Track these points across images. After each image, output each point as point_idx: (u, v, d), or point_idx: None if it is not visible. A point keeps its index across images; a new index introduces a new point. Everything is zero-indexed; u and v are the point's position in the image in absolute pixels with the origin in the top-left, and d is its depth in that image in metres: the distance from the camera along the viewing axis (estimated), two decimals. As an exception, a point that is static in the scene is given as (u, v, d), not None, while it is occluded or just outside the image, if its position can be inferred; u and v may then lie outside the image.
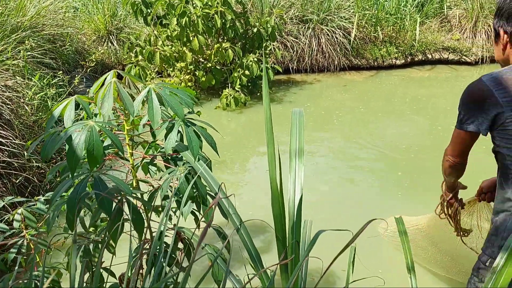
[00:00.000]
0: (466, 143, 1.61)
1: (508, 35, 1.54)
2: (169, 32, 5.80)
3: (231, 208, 1.35)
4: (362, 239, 1.39)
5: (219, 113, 5.84)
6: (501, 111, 1.43)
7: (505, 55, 1.58)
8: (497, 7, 1.58)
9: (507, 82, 1.44)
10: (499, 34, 1.58)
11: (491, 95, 1.45)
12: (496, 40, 1.62)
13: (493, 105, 1.44)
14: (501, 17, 1.56)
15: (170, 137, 1.35)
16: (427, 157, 4.53)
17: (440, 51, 8.41)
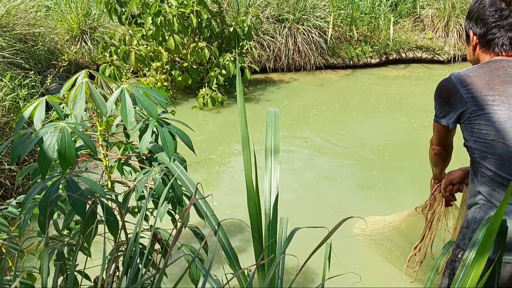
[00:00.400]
0: (444, 134, 1.70)
1: (477, 37, 1.60)
2: (144, 31, 5.74)
3: (208, 208, 1.34)
4: (339, 237, 1.41)
5: (196, 112, 5.81)
6: (465, 107, 1.50)
7: (475, 55, 1.65)
8: (468, 10, 1.64)
9: (471, 79, 1.51)
10: (469, 36, 1.64)
11: (456, 91, 1.52)
12: (467, 41, 1.68)
13: (459, 101, 1.52)
14: (471, 20, 1.62)
15: (144, 137, 1.34)
16: (402, 156, 4.61)
17: (414, 50, 8.57)
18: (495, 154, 1.46)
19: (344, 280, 2.09)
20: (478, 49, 1.62)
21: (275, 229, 1.26)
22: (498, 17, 1.53)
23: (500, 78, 1.50)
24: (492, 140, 1.45)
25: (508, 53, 1.55)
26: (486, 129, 1.47)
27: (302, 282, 2.83)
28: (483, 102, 1.48)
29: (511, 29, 1.53)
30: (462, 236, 1.58)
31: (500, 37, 1.54)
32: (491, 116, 1.46)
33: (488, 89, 1.49)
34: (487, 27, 1.55)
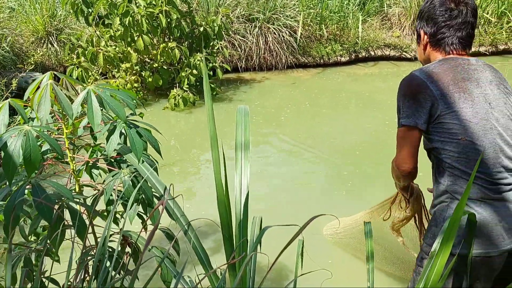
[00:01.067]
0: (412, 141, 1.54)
1: (428, 36, 1.64)
2: (112, 32, 5.65)
3: (178, 209, 1.34)
4: (310, 235, 1.42)
5: (168, 113, 5.77)
6: (436, 104, 1.49)
7: (425, 55, 1.68)
8: (419, 10, 1.69)
9: (438, 75, 1.52)
10: (420, 35, 1.68)
11: (426, 86, 1.51)
12: (418, 41, 1.71)
13: (429, 97, 1.50)
14: (422, 19, 1.66)
15: (112, 139, 1.32)
16: (373, 154, 4.67)
17: (382, 48, 8.73)
18: (463, 152, 1.48)
19: (316, 277, 2.12)
20: (429, 48, 1.65)
21: (245, 228, 1.26)
22: (448, 16, 1.58)
23: (461, 75, 1.53)
24: (460, 139, 1.47)
25: (458, 51, 1.60)
26: (454, 127, 1.48)
27: (276, 279, 2.85)
28: (451, 99, 1.49)
29: (459, 29, 1.58)
30: (432, 235, 1.59)
31: (450, 37, 1.59)
32: (459, 114, 1.48)
33: (454, 86, 1.51)
34: (437, 27, 1.60)
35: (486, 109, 1.50)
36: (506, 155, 1.49)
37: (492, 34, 9.17)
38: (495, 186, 1.48)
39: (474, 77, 1.54)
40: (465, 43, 1.61)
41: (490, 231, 1.47)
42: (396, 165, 1.60)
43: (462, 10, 1.57)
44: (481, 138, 1.47)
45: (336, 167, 4.41)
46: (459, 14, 1.57)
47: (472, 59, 1.59)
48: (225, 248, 1.23)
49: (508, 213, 1.49)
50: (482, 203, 1.48)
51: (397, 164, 1.59)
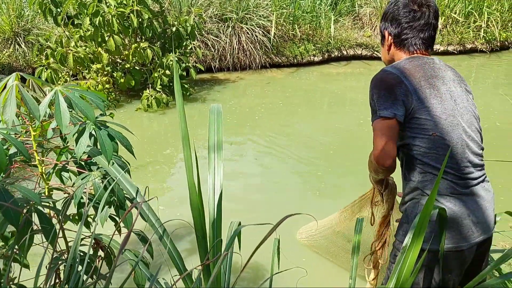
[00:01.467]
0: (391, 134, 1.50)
1: (392, 37, 1.68)
2: (82, 32, 5.53)
3: (150, 211, 1.32)
4: (284, 235, 1.42)
5: (141, 114, 5.69)
6: (410, 98, 1.51)
7: (390, 55, 1.72)
8: (383, 12, 1.72)
9: (410, 71, 1.56)
10: (385, 36, 1.72)
11: (401, 81, 1.53)
12: (382, 42, 1.75)
13: (404, 91, 1.52)
14: (386, 20, 1.70)
15: (81, 141, 1.29)
16: (346, 153, 4.71)
17: (354, 48, 8.85)
18: (433, 148, 1.51)
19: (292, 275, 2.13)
20: (393, 48, 1.69)
21: (219, 228, 1.26)
22: (411, 18, 1.62)
23: (429, 72, 1.57)
24: (431, 135, 1.50)
25: (421, 51, 1.65)
26: (426, 123, 1.51)
27: (253, 279, 2.85)
28: (424, 95, 1.52)
29: (422, 30, 1.63)
30: (404, 232, 1.61)
31: (413, 37, 1.63)
32: (430, 109, 1.51)
33: (425, 82, 1.54)
34: (401, 27, 1.64)
35: (453, 106, 1.54)
36: (471, 151, 1.54)
37: (459, 33, 9.41)
38: (463, 181, 1.52)
39: (440, 75, 1.59)
40: (427, 43, 1.66)
41: (460, 225, 1.51)
42: (375, 158, 1.51)
43: (424, 12, 1.62)
44: (449, 133, 1.50)
45: (310, 166, 4.43)
46: (422, 16, 1.62)
47: (435, 59, 1.65)
48: (199, 249, 1.22)
49: (476, 207, 1.53)
50: (452, 198, 1.52)
51: (376, 158, 1.51)
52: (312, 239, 2.81)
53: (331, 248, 2.69)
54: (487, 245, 1.64)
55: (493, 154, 4.42)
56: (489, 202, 1.58)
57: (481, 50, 9.55)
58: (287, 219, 1.14)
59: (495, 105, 6.23)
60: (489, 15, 9.44)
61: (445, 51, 9.39)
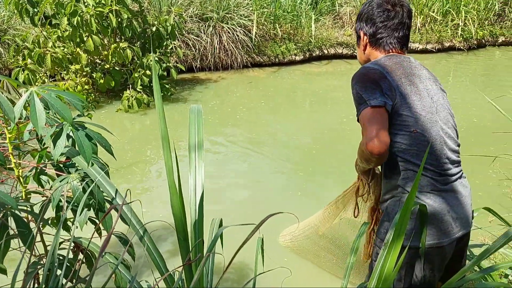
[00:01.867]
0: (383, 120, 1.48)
1: (368, 36, 1.69)
2: (59, 32, 5.44)
3: (131, 213, 1.30)
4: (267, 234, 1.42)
5: (121, 115, 5.62)
6: (394, 93, 1.52)
7: (365, 55, 1.73)
8: (358, 13, 1.74)
9: (390, 68, 1.57)
10: (360, 36, 1.73)
11: (384, 76, 1.54)
12: (358, 42, 1.76)
13: (388, 86, 1.52)
14: (361, 21, 1.72)
15: (58, 143, 1.27)
16: (328, 152, 4.73)
17: (335, 47, 8.91)
18: (414, 145, 1.52)
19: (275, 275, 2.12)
20: (369, 47, 1.71)
21: (201, 229, 1.24)
22: (386, 17, 1.64)
23: (408, 70, 1.59)
24: (412, 131, 1.51)
25: (397, 50, 1.67)
26: (407, 119, 1.51)
27: (237, 279, 2.84)
28: (405, 91, 1.54)
29: (396, 29, 1.65)
30: (385, 230, 1.62)
31: (388, 36, 1.65)
32: (411, 106, 1.52)
33: (405, 79, 1.56)
34: (376, 27, 1.66)
35: (430, 103, 1.56)
36: (449, 147, 1.56)
37: (438, 31, 9.56)
38: (443, 177, 1.54)
39: (417, 73, 1.61)
40: (402, 42, 1.68)
41: (441, 221, 1.53)
42: (368, 147, 1.44)
43: (398, 11, 1.64)
44: (429, 130, 1.52)
45: (292, 165, 4.43)
46: (396, 15, 1.64)
47: (411, 58, 1.68)
48: (180, 250, 1.21)
49: (455, 203, 1.55)
50: (432, 195, 1.53)
51: (369, 146, 1.44)
52: (295, 240, 2.78)
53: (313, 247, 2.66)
54: (466, 240, 1.66)
55: (471, 150, 4.50)
56: (467, 198, 1.60)
57: (459, 48, 9.72)
58: (270, 219, 1.14)
59: (472, 102, 6.35)
60: (466, 13, 9.61)
61: (424, 49, 9.52)
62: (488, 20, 10.12)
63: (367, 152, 1.46)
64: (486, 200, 3.65)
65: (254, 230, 1.16)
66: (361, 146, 1.51)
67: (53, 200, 1.30)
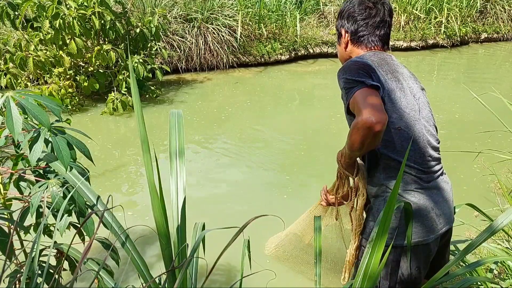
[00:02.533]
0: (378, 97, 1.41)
1: (349, 34, 1.68)
2: (41, 35, 5.37)
3: (113, 218, 1.28)
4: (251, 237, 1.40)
5: (106, 118, 5.56)
6: (381, 87, 1.50)
7: (347, 53, 1.72)
8: (339, 10, 1.73)
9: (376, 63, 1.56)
10: (342, 34, 1.72)
11: (374, 69, 1.52)
12: (339, 41, 1.75)
13: (376, 78, 1.50)
14: (342, 18, 1.71)
15: (35, 148, 1.24)
16: (314, 152, 4.71)
17: (320, 45, 8.94)
18: (398, 142, 1.51)
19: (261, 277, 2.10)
20: (350, 45, 1.69)
21: (183, 232, 1.23)
22: (367, 14, 1.64)
23: (392, 67, 1.59)
24: (397, 128, 1.50)
25: (378, 48, 1.66)
26: (392, 116, 1.50)
27: (225, 282, 2.82)
28: (391, 87, 1.53)
29: (378, 27, 1.64)
30: (369, 230, 1.61)
31: (369, 34, 1.65)
32: (396, 102, 1.52)
33: (391, 75, 1.56)
34: (358, 24, 1.65)
35: (413, 101, 1.56)
36: (431, 145, 1.56)
37: (421, 29, 9.65)
38: (426, 174, 1.54)
39: (400, 71, 1.61)
40: (383, 40, 1.67)
41: (425, 218, 1.53)
42: (366, 122, 1.31)
43: (379, 9, 1.64)
44: (412, 128, 1.52)
45: (277, 166, 4.42)
46: (377, 13, 1.64)
47: (392, 56, 1.67)
48: (163, 254, 1.19)
49: (439, 199, 1.56)
50: (416, 193, 1.53)
51: (367, 122, 1.31)
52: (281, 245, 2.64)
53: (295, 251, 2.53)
54: (449, 236, 1.67)
55: (454, 146, 4.55)
56: (449, 194, 1.61)
57: (442, 45, 9.82)
58: (255, 222, 1.13)
59: (456, 98, 6.42)
60: (449, 11, 9.72)
61: (408, 47, 9.60)
62: (471, 17, 10.24)
63: (365, 127, 1.32)
64: (471, 195, 3.69)
65: (237, 233, 1.15)
66: (355, 125, 1.36)
67: (31, 206, 1.28)
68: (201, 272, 1.48)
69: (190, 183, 3.94)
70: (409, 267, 1.55)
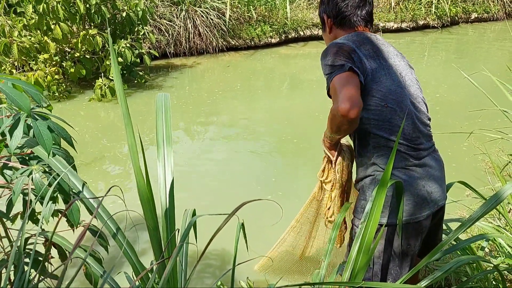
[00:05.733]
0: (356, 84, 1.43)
1: (332, 18, 1.67)
2: (25, 21, 5.24)
3: (98, 203, 1.24)
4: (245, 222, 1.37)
5: (95, 105, 5.48)
6: (364, 68, 1.50)
7: (332, 38, 1.70)
8: None
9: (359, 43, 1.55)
10: (324, 20, 1.71)
11: (354, 50, 1.52)
12: (324, 27, 1.74)
13: (359, 59, 1.50)
14: (323, 3, 1.70)
15: (15, 133, 1.19)
16: (304, 135, 4.67)
17: (311, 28, 8.85)
18: (386, 120, 1.50)
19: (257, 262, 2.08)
20: (334, 29, 1.68)
21: (172, 217, 1.20)
22: None
23: (375, 46, 1.58)
24: (384, 106, 1.50)
25: (362, 27, 1.65)
26: (378, 94, 1.50)
27: (220, 265, 2.81)
28: (374, 66, 1.52)
29: (359, 6, 1.64)
30: (362, 209, 1.61)
31: (350, 15, 1.64)
32: (381, 81, 1.51)
33: (374, 54, 1.55)
34: (338, 7, 1.64)
35: (399, 78, 1.56)
36: (420, 121, 1.55)
37: (412, 10, 9.59)
38: (416, 152, 1.53)
39: (385, 49, 1.61)
40: (366, 19, 1.67)
41: (416, 196, 1.52)
42: (340, 110, 1.37)
43: None
44: (400, 105, 1.51)
45: (268, 150, 4.39)
46: None
47: (377, 35, 1.66)
48: (151, 240, 1.17)
49: (429, 177, 1.55)
50: (407, 170, 1.52)
51: (341, 109, 1.37)
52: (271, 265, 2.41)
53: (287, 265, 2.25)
54: (441, 214, 1.67)
55: (442, 126, 4.55)
56: (440, 171, 1.60)
57: (433, 26, 9.78)
58: (248, 206, 1.10)
59: (446, 78, 6.41)
60: (439, -9, 9.67)
61: (398, 28, 9.55)
62: (461, -4, 10.20)
63: (339, 115, 1.39)
64: (462, 174, 3.69)
65: (228, 218, 1.12)
66: (332, 111, 1.44)
67: (14, 193, 1.24)
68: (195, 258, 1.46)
69: (177, 169, 3.90)
70: (401, 245, 1.55)
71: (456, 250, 1.53)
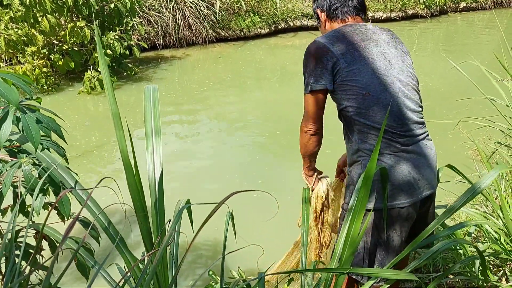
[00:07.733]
0: (322, 102, 1.64)
1: (325, 12, 1.72)
2: (12, 13, 5.17)
3: (86, 195, 1.25)
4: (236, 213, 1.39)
5: (84, 98, 5.44)
6: (337, 63, 1.56)
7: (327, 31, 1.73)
8: None
9: (337, 39, 1.61)
10: (319, 15, 1.76)
11: (327, 49, 1.58)
12: (319, 23, 1.79)
13: (330, 58, 1.57)
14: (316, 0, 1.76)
15: (4, 127, 1.19)
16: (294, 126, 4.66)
17: (301, 18, 8.84)
18: (369, 107, 1.54)
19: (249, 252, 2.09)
20: (328, 23, 1.73)
21: (162, 208, 1.21)
22: None
23: (359, 37, 1.62)
24: (364, 94, 1.54)
25: (353, 18, 1.70)
26: (356, 84, 1.54)
27: (211, 255, 2.84)
28: (352, 57, 1.57)
29: None
30: (350, 193, 1.65)
31: (341, 6, 1.69)
32: (361, 70, 1.56)
33: (353, 45, 1.59)
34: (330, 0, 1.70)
35: (386, 66, 1.58)
36: (409, 108, 1.58)
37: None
38: (403, 138, 1.56)
39: (373, 38, 1.64)
40: (357, 9, 1.71)
41: (401, 182, 1.55)
42: (303, 128, 1.69)
43: None
44: (383, 92, 1.54)
45: (258, 142, 4.40)
46: None
47: (368, 25, 1.70)
48: (141, 230, 1.18)
49: (417, 164, 1.57)
50: (392, 156, 1.55)
51: (303, 127, 1.69)
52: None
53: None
54: (431, 202, 1.69)
55: (430, 114, 4.59)
56: (430, 159, 1.63)
57: (422, 16, 9.81)
58: (238, 197, 1.11)
59: (435, 68, 6.46)
60: (428, -20, 9.68)
61: (388, 18, 9.57)
62: (450, -14, 10.23)
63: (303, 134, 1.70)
64: (450, 161, 3.71)
65: (216, 207, 1.13)
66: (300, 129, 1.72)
67: (4, 186, 1.24)
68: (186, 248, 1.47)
69: (166, 160, 3.90)
70: (385, 230, 1.58)
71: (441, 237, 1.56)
